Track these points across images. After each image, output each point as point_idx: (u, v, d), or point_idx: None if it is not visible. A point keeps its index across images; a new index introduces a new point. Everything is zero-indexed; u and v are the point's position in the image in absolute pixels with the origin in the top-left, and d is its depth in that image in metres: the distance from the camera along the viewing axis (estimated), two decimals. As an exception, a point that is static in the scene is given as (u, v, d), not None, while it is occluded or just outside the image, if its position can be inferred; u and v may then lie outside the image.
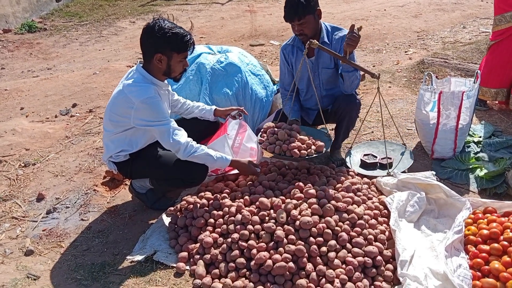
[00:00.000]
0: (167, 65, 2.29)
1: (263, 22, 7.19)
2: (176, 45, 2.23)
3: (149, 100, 2.21)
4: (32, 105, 4.34)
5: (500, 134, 3.23)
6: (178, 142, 2.26)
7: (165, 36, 2.18)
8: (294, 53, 2.86)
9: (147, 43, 2.26)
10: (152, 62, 2.28)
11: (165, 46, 2.22)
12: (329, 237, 2.08)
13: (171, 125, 2.28)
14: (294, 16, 2.56)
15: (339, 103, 2.80)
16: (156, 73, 2.32)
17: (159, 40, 2.20)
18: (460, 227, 2.13)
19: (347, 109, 2.78)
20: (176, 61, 2.29)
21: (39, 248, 2.40)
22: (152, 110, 2.23)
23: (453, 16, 6.89)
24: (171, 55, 2.25)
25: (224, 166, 2.45)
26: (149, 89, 2.24)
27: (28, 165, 3.26)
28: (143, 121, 2.25)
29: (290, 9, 2.55)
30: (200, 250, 2.17)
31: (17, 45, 6.57)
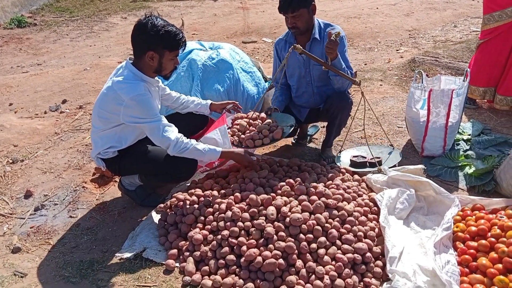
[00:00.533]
0: (159, 63, 2.27)
1: (255, 19, 7.17)
2: (169, 43, 2.22)
3: (139, 97, 2.19)
4: (21, 101, 4.29)
5: (489, 132, 3.26)
6: (168, 139, 2.24)
7: (158, 34, 2.17)
8: (286, 48, 2.86)
9: (139, 40, 2.24)
10: (143, 59, 2.26)
11: (157, 44, 2.21)
12: (319, 234, 2.08)
13: (161, 121, 2.26)
14: (288, 8, 2.57)
15: (331, 101, 2.81)
16: (147, 70, 2.31)
17: (151, 38, 2.18)
18: (449, 224, 2.14)
19: (339, 108, 2.79)
20: (168, 59, 2.28)
21: (27, 245, 2.37)
22: (142, 107, 2.21)
23: (444, 15, 6.94)
24: (163, 53, 2.24)
25: (215, 158, 2.43)
26: (139, 86, 2.22)
27: (16, 162, 3.22)
28: (133, 117, 2.24)
29: (284, 1, 2.56)
30: (189, 247, 2.16)
31: (6, 40, 6.48)
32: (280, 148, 3.30)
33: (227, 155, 2.42)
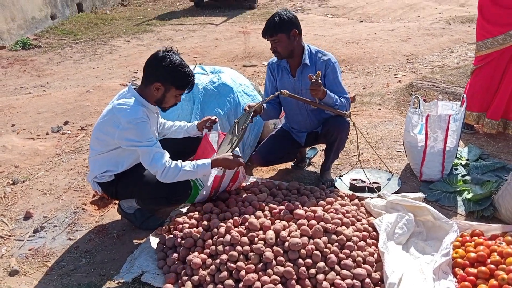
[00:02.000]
0: (162, 95, 2.34)
1: (256, 43, 7.30)
2: (179, 82, 2.30)
3: (135, 120, 2.23)
4: (23, 122, 4.33)
5: (487, 157, 3.29)
6: (155, 166, 2.25)
7: (172, 70, 2.25)
8: (279, 72, 2.94)
9: (152, 70, 2.30)
10: (149, 88, 2.32)
11: (167, 79, 2.28)
12: (318, 259, 2.08)
13: (154, 147, 2.28)
14: (265, 33, 2.71)
15: (328, 125, 2.85)
16: (149, 98, 2.36)
17: (164, 72, 2.26)
18: (447, 249, 2.14)
19: (337, 131, 2.83)
20: (172, 95, 2.35)
21: (25, 268, 2.36)
22: (137, 131, 2.24)
23: (441, 41, 7.08)
24: (170, 88, 2.31)
25: (208, 171, 2.42)
26: (138, 110, 2.26)
27: (16, 183, 3.23)
28: (128, 141, 2.27)
29: (265, 26, 2.71)
30: (188, 271, 2.15)
31: (11, 62, 6.58)
32: (279, 171, 3.32)
33: (216, 163, 2.41)
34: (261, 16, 9.52)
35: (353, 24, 8.66)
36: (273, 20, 2.67)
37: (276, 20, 2.66)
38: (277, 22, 2.65)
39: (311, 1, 11.18)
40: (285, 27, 2.67)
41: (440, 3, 10.60)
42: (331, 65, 2.81)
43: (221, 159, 2.42)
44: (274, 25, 2.66)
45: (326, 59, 2.82)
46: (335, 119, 2.83)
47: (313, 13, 9.89)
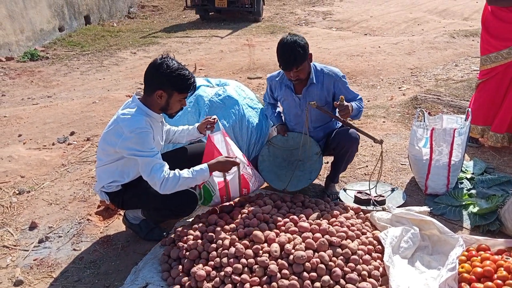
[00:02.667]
0: (166, 102, 2.35)
1: (261, 56, 7.37)
2: (179, 85, 2.31)
3: (138, 130, 2.25)
4: (30, 132, 4.38)
5: (492, 171, 3.28)
6: (154, 177, 2.26)
7: (171, 75, 2.26)
8: (281, 88, 2.97)
9: (151, 78, 2.33)
10: (152, 97, 2.34)
11: (168, 85, 2.30)
12: (323, 272, 2.07)
13: (154, 158, 2.28)
14: (292, 66, 2.66)
15: (339, 138, 2.86)
16: (154, 107, 2.38)
17: (163, 78, 2.27)
18: (453, 264, 2.13)
19: (347, 145, 2.84)
20: (175, 100, 2.36)
21: (29, 279, 2.36)
22: (138, 141, 2.25)
23: (445, 54, 7.12)
24: (172, 93, 2.33)
25: (207, 177, 2.41)
26: (141, 120, 2.28)
27: (22, 193, 3.25)
28: (128, 149, 2.27)
29: (288, 59, 2.65)
30: (192, 283, 2.14)
31: (19, 73, 6.68)
32: (284, 183, 3.32)
33: (213, 167, 2.42)
34: (265, 29, 9.63)
35: (357, 37, 8.73)
36: (296, 51, 2.63)
37: (300, 51, 2.63)
38: (300, 52, 2.63)
39: (315, 15, 11.31)
40: (305, 54, 2.70)
41: (444, 17, 10.69)
42: (339, 78, 2.87)
43: (215, 162, 2.43)
44: (299, 56, 2.64)
45: (333, 75, 2.86)
46: (345, 133, 2.84)
47: (318, 26, 9.99)
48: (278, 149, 3.06)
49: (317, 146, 2.93)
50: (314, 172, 2.91)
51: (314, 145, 2.93)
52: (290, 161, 3.02)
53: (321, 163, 2.92)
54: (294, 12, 11.83)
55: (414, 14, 11.00)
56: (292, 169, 2.96)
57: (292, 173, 2.92)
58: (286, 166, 3.03)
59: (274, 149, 3.05)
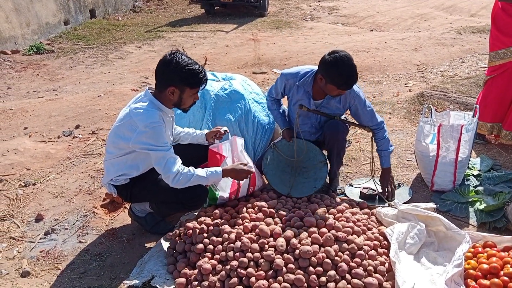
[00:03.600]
0: (179, 98, 2.34)
1: (266, 50, 7.34)
2: (190, 80, 2.30)
3: (152, 124, 2.25)
4: (35, 125, 4.39)
5: (499, 168, 3.26)
6: (169, 170, 2.27)
7: (181, 71, 2.25)
8: (299, 92, 2.86)
9: (162, 75, 2.32)
10: (164, 93, 2.33)
11: (179, 81, 2.28)
12: (329, 267, 2.06)
13: (168, 152, 2.30)
14: (351, 87, 2.62)
15: (324, 132, 2.87)
16: (166, 103, 2.37)
17: (174, 74, 2.26)
18: (459, 260, 2.12)
19: (333, 135, 2.82)
20: (188, 95, 2.35)
21: (36, 270, 2.38)
22: (153, 135, 2.26)
23: (452, 51, 7.06)
24: (184, 89, 2.31)
25: (219, 179, 2.44)
26: (154, 114, 2.28)
27: (28, 185, 3.26)
28: (142, 144, 2.28)
29: (352, 79, 2.58)
30: (198, 276, 2.15)
31: (25, 66, 6.69)
32: (289, 178, 3.31)
33: (227, 173, 2.43)
34: (271, 24, 9.58)
35: (363, 33, 8.68)
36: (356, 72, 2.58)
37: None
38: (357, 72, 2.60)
39: (321, 10, 11.25)
40: None
41: (451, 13, 10.60)
42: (356, 96, 2.81)
43: (230, 169, 2.44)
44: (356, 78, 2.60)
45: (351, 92, 2.78)
46: (329, 124, 2.83)
47: (323, 21, 9.93)
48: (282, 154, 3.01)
49: (322, 155, 2.91)
50: (319, 180, 2.87)
51: (319, 154, 2.92)
52: (294, 167, 2.99)
53: (326, 172, 2.90)
54: (300, 7, 11.76)
55: (421, 10, 10.91)
56: (294, 175, 2.94)
57: (294, 178, 2.90)
58: (290, 171, 2.99)
59: (279, 153, 3.01)
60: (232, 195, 2.66)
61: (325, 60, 2.57)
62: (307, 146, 2.91)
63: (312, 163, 2.94)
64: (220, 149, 2.71)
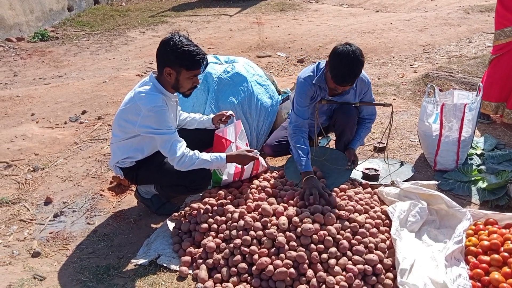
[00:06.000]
0: (175, 80, 2.34)
1: (270, 34, 7.29)
2: (185, 62, 2.27)
3: (155, 108, 2.27)
4: (42, 111, 4.44)
5: (503, 147, 3.25)
6: (174, 153, 2.30)
7: (176, 52, 2.24)
8: (321, 91, 2.75)
9: (160, 56, 2.33)
10: (163, 75, 2.34)
11: (175, 62, 2.27)
12: (330, 244, 2.10)
13: (173, 135, 2.32)
14: (348, 84, 2.50)
15: (336, 116, 2.85)
16: (166, 85, 2.39)
17: (170, 55, 2.26)
18: (460, 237, 2.14)
19: (344, 122, 2.82)
20: (185, 78, 2.33)
21: (46, 250, 2.45)
22: (157, 118, 2.28)
23: (459, 31, 6.95)
24: (180, 71, 2.30)
25: (222, 165, 2.48)
26: (157, 98, 2.30)
27: (36, 170, 3.33)
28: (147, 128, 2.31)
29: (348, 76, 2.44)
30: (203, 254, 2.21)
31: (30, 53, 6.72)
32: (292, 160, 3.34)
33: (231, 159, 2.47)
34: (275, 6, 9.47)
35: (368, 14, 8.55)
36: (356, 69, 2.45)
37: (360, 68, 2.47)
38: (360, 69, 2.49)
39: (326, -9, 11.07)
40: (362, 70, 2.54)
41: (459, -9, 10.37)
42: (369, 86, 2.84)
43: (235, 155, 2.47)
44: (358, 74, 2.49)
45: (366, 80, 2.79)
46: (341, 109, 2.82)
47: (328, 3, 9.79)
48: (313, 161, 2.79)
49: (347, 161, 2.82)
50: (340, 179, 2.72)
51: (345, 159, 2.83)
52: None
53: (349, 176, 2.77)
54: (304, -11, 11.59)
55: (428, -11, 10.69)
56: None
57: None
58: None
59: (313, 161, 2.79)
60: (235, 177, 2.70)
61: (334, 48, 2.50)
62: (333, 152, 2.89)
63: (336, 168, 2.81)
64: (225, 134, 2.73)
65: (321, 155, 2.89)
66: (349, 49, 2.43)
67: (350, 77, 2.45)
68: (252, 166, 2.74)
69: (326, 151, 2.94)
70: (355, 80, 2.52)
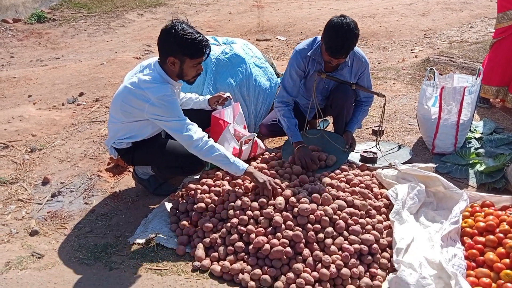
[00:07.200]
0: (180, 69, 2.29)
1: (270, 17, 7.21)
2: (189, 50, 2.22)
3: (165, 97, 2.23)
4: (39, 93, 4.41)
5: (501, 131, 3.25)
6: (190, 137, 2.25)
7: (180, 41, 2.18)
8: (314, 65, 2.75)
9: (162, 45, 2.27)
10: (166, 64, 2.29)
11: (178, 51, 2.22)
12: (326, 224, 2.11)
13: (186, 121, 2.29)
14: (342, 55, 2.48)
15: (333, 95, 2.83)
16: (170, 74, 2.34)
17: (173, 45, 2.21)
18: (456, 218, 2.15)
19: (342, 100, 2.80)
20: (189, 66, 2.28)
21: (44, 229, 2.46)
22: (168, 108, 2.24)
23: (461, 16, 6.88)
24: (184, 59, 2.25)
25: (238, 174, 2.33)
26: (165, 87, 2.26)
27: (34, 151, 3.32)
28: (157, 116, 2.27)
29: (340, 47, 2.43)
30: (200, 234, 2.22)
31: (26, 35, 6.65)
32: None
33: (250, 175, 2.32)
34: (275, -10, 9.34)
35: (369, -2, 8.46)
36: (350, 41, 2.44)
37: (354, 40, 2.46)
38: (354, 41, 2.47)
39: (327, -25, 10.91)
40: (356, 42, 2.50)
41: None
42: (367, 65, 2.81)
43: (256, 174, 2.31)
44: (352, 46, 2.48)
45: (363, 60, 2.77)
46: (338, 89, 2.79)
47: (329, -13, 9.67)
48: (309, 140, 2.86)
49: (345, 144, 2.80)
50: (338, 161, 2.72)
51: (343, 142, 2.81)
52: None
53: (347, 157, 2.77)
54: (305, -28, 11.42)
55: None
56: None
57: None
58: None
59: (306, 139, 2.85)
60: None
61: (330, 20, 2.50)
62: (331, 136, 2.87)
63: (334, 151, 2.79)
64: (222, 115, 2.72)
65: (317, 135, 2.88)
66: (343, 21, 2.43)
67: (344, 49, 2.44)
68: (250, 147, 2.73)
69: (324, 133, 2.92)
70: (348, 52, 2.50)
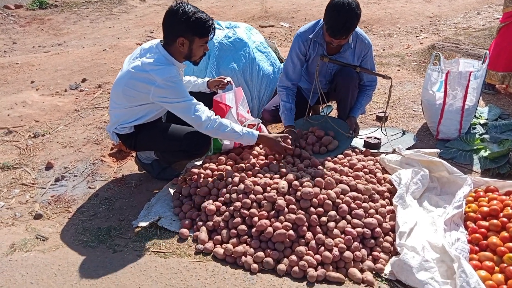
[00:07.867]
0: (189, 49, 2.30)
1: (273, 3, 7.14)
2: (199, 30, 2.24)
3: (172, 79, 2.23)
4: (42, 79, 4.40)
5: (507, 117, 3.22)
6: (200, 117, 2.27)
7: (189, 20, 2.20)
8: (315, 48, 2.73)
9: (170, 27, 2.27)
10: (174, 45, 2.29)
11: (187, 31, 2.23)
12: (329, 208, 2.11)
13: (193, 101, 2.30)
14: (343, 35, 2.45)
15: (337, 80, 2.80)
16: (177, 56, 2.34)
17: (182, 25, 2.21)
18: (460, 202, 2.14)
19: (346, 82, 2.76)
20: (198, 46, 2.30)
21: (48, 213, 2.47)
22: (175, 89, 2.25)
23: (467, 2, 6.79)
24: (193, 39, 2.27)
25: (252, 142, 2.41)
26: (171, 69, 2.26)
27: (37, 136, 3.33)
28: (164, 98, 2.27)
29: (342, 27, 2.40)
30: (203, 217, 2.22)
31: (29, 21, 6.62)
32: (294, 128, 3.32)
33: (262, 139, 2.42)
34: (279, -24, 9.23)
35: (374, -16, 8.33)
36: (351, 21, 2.40)
37: (355, 20, 2.42)
38: (355, 22, 2.43)
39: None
40: (358, 22, 2.46)
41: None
42: (370, 48, 2.78)
43: (268, 138, 2.40)
44: (353, 26, 2.43)
45: (366, 42, 2.74)
46: (342, 72, 2.76)
47: (333, -27, 9.54)
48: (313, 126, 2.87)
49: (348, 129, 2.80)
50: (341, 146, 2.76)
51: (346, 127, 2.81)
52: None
53: (350, 142, 2.77)
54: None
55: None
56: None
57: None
58: None
59: (310, 124, 2.89)
60: (236, 143, 2.68)
61: (331, 0, 2.47)
62: (335, 121, 2.85)
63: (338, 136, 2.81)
64: (223, 99, 2.70)
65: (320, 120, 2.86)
66: (344, 0, 2.39)
67: (344, 29, 2.41)
68: None
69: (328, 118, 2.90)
70: (349, 32, 2.46)
